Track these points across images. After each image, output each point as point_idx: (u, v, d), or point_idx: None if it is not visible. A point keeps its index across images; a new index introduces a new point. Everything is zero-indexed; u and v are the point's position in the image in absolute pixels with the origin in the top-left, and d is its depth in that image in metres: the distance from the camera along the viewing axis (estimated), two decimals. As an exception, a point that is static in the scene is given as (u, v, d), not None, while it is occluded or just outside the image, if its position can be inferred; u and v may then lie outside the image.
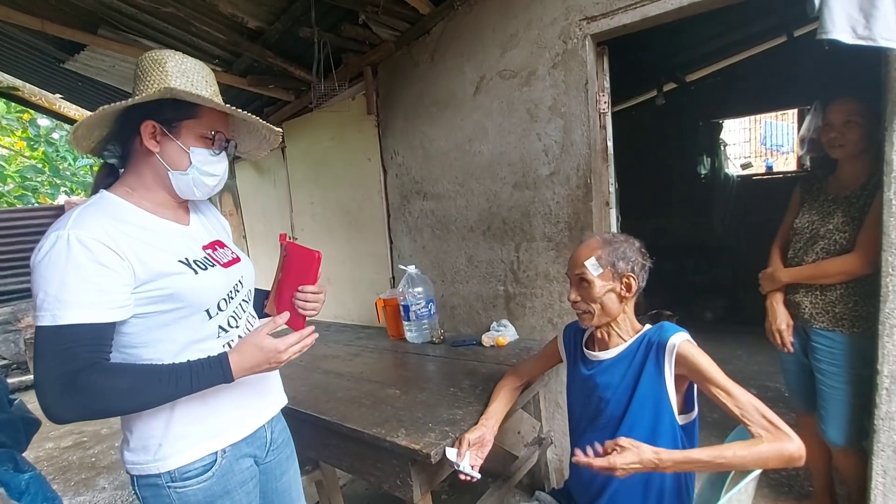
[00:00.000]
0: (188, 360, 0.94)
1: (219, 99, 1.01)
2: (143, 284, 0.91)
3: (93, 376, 0.84)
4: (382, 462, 1.42)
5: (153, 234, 0.96)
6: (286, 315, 1.06)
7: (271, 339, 0.98)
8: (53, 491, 1.31)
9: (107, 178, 1.02)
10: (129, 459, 0.99)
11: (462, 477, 1.28)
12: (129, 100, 0.93)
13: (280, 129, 1.13)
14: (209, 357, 0.95)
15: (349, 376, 1.92)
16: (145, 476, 0.98)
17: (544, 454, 2.09)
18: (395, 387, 1.75)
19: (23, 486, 1.19)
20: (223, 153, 1.05)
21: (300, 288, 1.06)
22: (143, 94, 0.93)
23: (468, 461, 1.28)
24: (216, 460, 1.02)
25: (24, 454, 1.52)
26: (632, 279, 1.22)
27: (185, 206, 1.09)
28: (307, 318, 1.08)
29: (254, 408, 1.11)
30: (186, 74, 0.97)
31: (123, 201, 0.98)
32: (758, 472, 1.07)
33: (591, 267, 1.22)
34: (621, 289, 1.22)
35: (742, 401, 1.06)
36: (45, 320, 0.83)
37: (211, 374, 0.93)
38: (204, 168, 1.01)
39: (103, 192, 0.98)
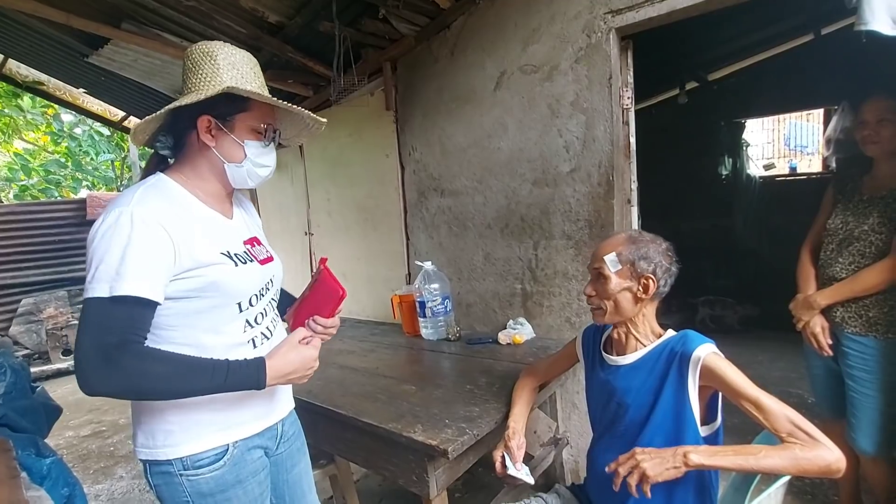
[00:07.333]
0: (226, 358, 0.94)
1: (266, 90, 1.03)
2: (186, 271, 0.93)
3: (134, 357, 0.86)
4: (398, 457, 1.41)
5: (202, 224, 0.99)
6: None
7: (305, 346, 1.03)
8: (74, 476, 1.32)
9: (157, 167, 1.04)
10: (141, 443, 1.00)
11: (521, 481, 1.30)
12: (190, 97, 0.95)
13: (324, 120, 1.14)
14: (247, 359, 0.96)
15: (364, 371, 1.91)
16: (157, 462, 0.98)
17: (560, 454, 2.06)
18: (410, 383, 1.74)
19: (44, 470, 1.20)
20: (271, 144, 1.07)
21: (315, 319, 1.10)
22: (202, 91, 0.96)
23: (524, 468, 1.31)
24: (228, 449, 1.02)
25: (45, 440, 1.55)
26: (650, 280, 1.17)
27: (230, 198, 1.12)
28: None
29: (266, 408, 1.11)
30: (236, 67, 0.99)
31: (179, 186, 1.00)
32: (787, 477, 1.03)
33: (610, 262, 1.18)
34: (638, 289, 1.18)
35: (775, 413, 1.01)
36: (101, 291, 0.84)
37: (246, 375, 0.94)
38: (257, 160, 1.05)
39: (160, 175, 1.01)
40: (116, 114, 4.72)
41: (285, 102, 1.03)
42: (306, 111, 1.09)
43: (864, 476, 1.71)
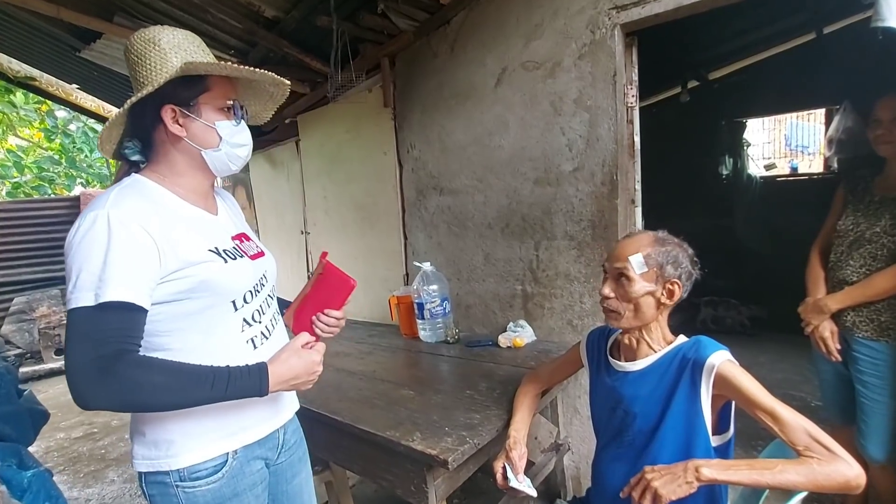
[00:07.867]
0: (227, 365, 0.90)
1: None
2: (173, 272, 0.88)
3: (130, 367, 0.81)
4: (396, 466, 1.36)
5: (185, 222, 0.94)
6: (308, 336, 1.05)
7: (308, 351, 0.99)
8: (57, 489, 1.26)
9: (130, 171, 0.99)
10: (139, 454, 0.95)
11: (523, 493, 1.25)
12: (146, 89, 0.89)
13: (288, 82, 1.07)
14: (248, 365, 0.92)
15: (361, 375, 1.86)
16: (153, 473, 0.94)
17: (561, 461, 2.01)
18: (408, 387, 1.69)
19: (25, 483, 1.15)
20: (242, 121, 1.02)
21: (325, 311, 1.06)
22: (155, 80, 0.89)
23: (526, 480, 1.26)
24: (227, 461, 0.98)
25: (32, 445, 1.49)
26: (676, 286, 1.12)
27: (212, 194, 1.07)
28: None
29: (270, 410, 1.07)
30: (182, 47, 0.94)
31: (157, 185, 0.95)
32: (804, 493, 0.99)
33: (637, 264, 1.12)
34: (662, 293, 1.12)
35: (792, 425, 0.96)
36: (86, 300, 0.80)
37: (247, 383, 0.90)
38: (233, 140, 1.00)
39: (136, 176, 0.96)
40: (110, 110, 4.64)
41: (245, 67, 0.97)
42: (267, 73, 1.00)
43: (872, 484, 1.67)
